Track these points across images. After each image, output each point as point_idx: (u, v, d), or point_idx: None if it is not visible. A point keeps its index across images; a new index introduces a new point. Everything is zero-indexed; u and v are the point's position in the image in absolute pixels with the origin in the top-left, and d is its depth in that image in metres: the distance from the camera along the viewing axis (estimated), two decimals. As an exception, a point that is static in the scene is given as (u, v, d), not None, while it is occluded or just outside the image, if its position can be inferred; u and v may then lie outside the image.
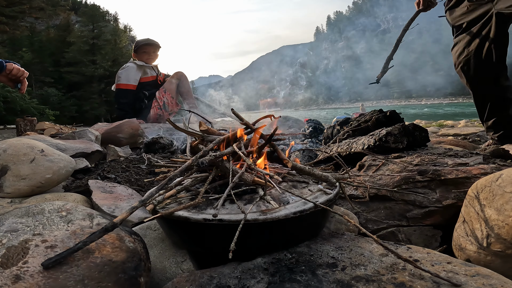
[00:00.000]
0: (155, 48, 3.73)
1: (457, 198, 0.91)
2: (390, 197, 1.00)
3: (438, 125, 5.76)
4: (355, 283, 0.56)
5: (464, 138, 2.69)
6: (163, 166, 1.03)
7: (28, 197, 1.13)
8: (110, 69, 33.82)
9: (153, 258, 0.77)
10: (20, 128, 5.32)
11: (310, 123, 2.71)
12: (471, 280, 0.54)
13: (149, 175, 1.54)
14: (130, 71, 3.58)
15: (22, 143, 1.19)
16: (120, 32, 41.54)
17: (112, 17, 48.49)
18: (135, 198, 1.19)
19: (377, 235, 0.94)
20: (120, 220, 0.61)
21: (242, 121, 0.92)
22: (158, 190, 0.70)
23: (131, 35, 49.65)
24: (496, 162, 1.12)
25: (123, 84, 3.56)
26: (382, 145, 1.32)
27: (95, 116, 31.39)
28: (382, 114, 1.71)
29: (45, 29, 39.62)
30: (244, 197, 0.80)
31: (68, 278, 0.52)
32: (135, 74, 3.59)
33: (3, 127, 13.28)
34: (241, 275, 0.62)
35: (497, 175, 0.74)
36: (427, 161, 1.08)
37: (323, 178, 0.85)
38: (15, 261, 0.54)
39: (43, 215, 0.67)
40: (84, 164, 1.61)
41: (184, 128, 1.00)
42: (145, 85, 3.62)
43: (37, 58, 31.10)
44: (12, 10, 20.95)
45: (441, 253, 0.65)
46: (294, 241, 0.73)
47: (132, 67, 3.59)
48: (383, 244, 0.59)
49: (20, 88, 1.51)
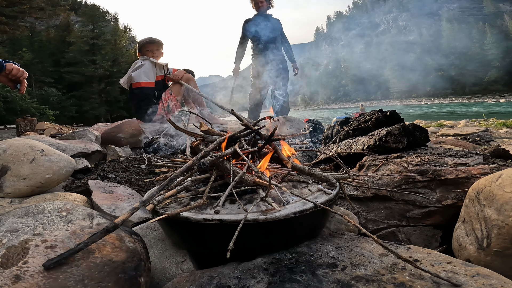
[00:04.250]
0: (158, 45, 3.66)
1: (457, 198, 0.91)
2: (390, 197, 1.00)
3: (438, 125, 5.76)
4: (355, 283, 0.56)
5: (464, 138, 2.69)
6: (163, 166, 1.03)
7: (28, 197, 1.13)
8: (110, 69, 33.83)
9: (153, 258, 0.77)
10: (20, 128, 5.32)
11: (310, 123, 2.71)
12: (471, 280, 0.54)
13: (149, 175, 1.54)
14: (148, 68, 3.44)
15: (22, 143, 1.19)
16: (120, 32, 41.54)
17: (112, 17, 48.49)
18: (135, 198, 1.19)
19: (377, 235, 0.94)
20: (121, 221, 0.61)
21: (242, 122, 0.92)
22: (159, 190, 0.70)
23: (131, 35, 49.64)
24: (496, 162, 1.12)
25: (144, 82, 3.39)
26: (382, 145, 1.32)
27: (95, 116, 31.41)
28: (382, 114, 1.71)
29: (45, 29, 39.62)
30: (244, 197, 0.80)
31: (68, 278, 0.52)
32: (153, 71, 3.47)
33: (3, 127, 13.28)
34: (241, 275, 0.62)
35: (497, 175, 0.74)
36: (427, 161, 1.08)
37: (323, 178, 0.85)
38: (15, 261, 0.54)
39: (43, 215, 0.67)
40: (84, 164, 1.61)
41: (183, 128, 1.00)
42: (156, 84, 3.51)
43: (37, 58, 31.11)
44: (12, 10, 20.95)
45: (441, 253, 0.65)
46: (294, 241, 0.73)
47: (149, 64, 3.47)
48: (383, 244, 0.59)
49: (20, 89, 1.51)
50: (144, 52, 3.60)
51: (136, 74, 3.42)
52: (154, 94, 3.47)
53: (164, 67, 3.63)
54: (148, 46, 3.61)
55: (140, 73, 3.42)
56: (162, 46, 3.70)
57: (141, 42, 3.69)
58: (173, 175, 0.72)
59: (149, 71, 3.45)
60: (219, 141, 0.86)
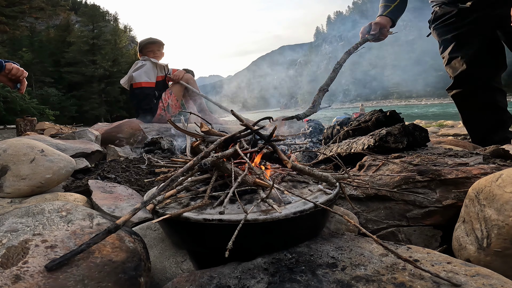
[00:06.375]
0: (159, 46, 3.67)
1: (457, 198, 0.91)
2: (390, 197, 1.00)
3: (438, 125, 5.76)
4: (355, 283, 0.56)
5: (464, 138, 2.69)
6: (163, 166, 1.03)
7: (28, 197, 1.13)
8: (110, 69, 33.84)
9: (153, 258, 0.77)
10: (20, 128, 5.32)
11: (310, 123, 2.71)
12: (471, 280, 0.54)
13: (149, 175, 1.54)
14: (149, 68, 3.46)
15: (22, 143, 1.19)
16: (120, 32, 41.56)
17: (112, 17, 48.51)
18: (135, 198, 1.20)
19: (377, 235, 0.94)
20: (123, 222, 0.61)
21: (242, 122, 0.92)
22: (160, 191, 0.70)
23: (131, 35, 49.65)
24: (496, 162, 1.12)
25: (145, 82, 3.41)
26: (382, 145, 1.32)
27: (95, 116, 31.43)
28: (382, 114, 1.70)
29: (45, 29, 39.65)
30: (244, 197, 0.80)
31: (68, 278, 0.52)
32: (153, 71, 3.48)
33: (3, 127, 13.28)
34: (241, 275, 0.62)
35: (497, 175, 0.74)
36: (427, 161, 1.08)
37: (323, 178, 0.85)
38: (15, 261, 0.54)
39: (43, 215, 0.67)
40: (84, 164, 1.61)
41: (183, 128, 1.00)
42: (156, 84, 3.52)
43: (37, 58, 31.13)
44: (12, 10, 20.96)
45: (441, 253, 0.65)
46: (294, 241, 0.73)
47: (149, 64, 3.48)
48: (383, 244, 0.59)
49: (20, 88, 1.51)
50: (145, 53, 3.61)
51: (137, 74, 3.43)
52: (154, 94, 3.48)
53: (164, 67, 3.64)
54: (149, 46, 3.61)
55: (141, 73, 3.43)
56: (163, 46, 3.70)
57: (142, 42, 3.70)
58: (174, 175, 0.72)
59: (150, 71, 3.46)
60: (220, 142, 0.86)
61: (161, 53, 3.69)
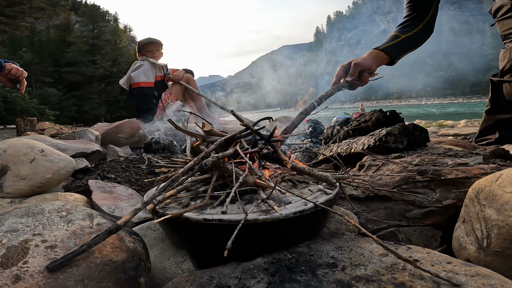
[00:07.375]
0: (157, 46, 3.67)
1: (457, 198, 0.91)
2: (390, 197, 1.00)
3: (438, 125, 5.76)
4: (355, 283, 0.56)
5: (464, 138, 2.69)
6: (163, 166, 1.03)
7: (28, 197, 1.13)
8: (110, 69, 33.84)
9: (153, 258, 0.77)
10: (20, 128, 5.33)
11: (310, 123, 2.71)
12: (471, 280, 0.54)
13: (149, 175, 1.54)
14: (147, 68, 3.46)
15: (22, 143, 1.19)
16: (120, 32, 41.55)
17: (112, 17, 48.50)
18: (135, 198, 1.20)
19: (377, 235, 0.94)
20: (124, 222, 0.61)
21: (242, 122, 0.92)
22: (161, 191, 0.70)
23: (131, 35, 49.65)
24: (496, 162, 1.12)
25: (143, 82, 3.41)
26: (382, 145, 1.32)
27: (95, 116, 31.43)
28: (382, 114, 1.70)
29: (45, 29, 39.64)
30: (244, 197, 0.80)
31: (68, 278, 0.53)
32: (152, 71, 3.49)
33: (3, 127, 13.28)
34: (241, 275, 0.62)
35: (497, 175, 0.74)
36: (427, 161, 1.08)
37: (323, 178, 0.85)
38: (15, 261, 0.54)
39: (43, 215, 0.67)
40: (84, 164, 1.61)
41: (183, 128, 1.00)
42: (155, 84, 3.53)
43: (37, 58, 31.14)
44: (12, 10, 20.96)
45: (441, 253, 0.65)
46: (294, 241, 0.73)
47: (148, 64, 3.49)
48: (383, 244, 0.59)
49: (19, 88, 1.51)
50: (144, 53, 3.61)
51: (135, 74, 3.44)
52: (153, 94, 3.48)
53: (163, 67, 3.64)
54: (147, 46, 3.61)
55: (139, 73, 3.44)
56: (161, 46, 3.71)
57: (141, 42, 3.70)
58: (175, 175, 0.72)
59: (148, 71, 3.47)
60: (220, 142, 0.86)
61: (160, 53, 3.69)
